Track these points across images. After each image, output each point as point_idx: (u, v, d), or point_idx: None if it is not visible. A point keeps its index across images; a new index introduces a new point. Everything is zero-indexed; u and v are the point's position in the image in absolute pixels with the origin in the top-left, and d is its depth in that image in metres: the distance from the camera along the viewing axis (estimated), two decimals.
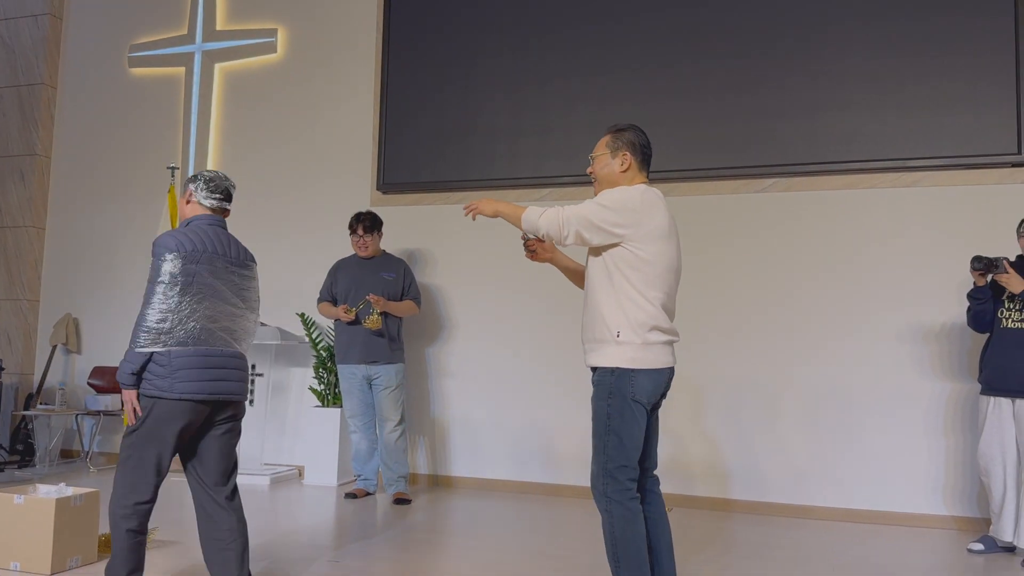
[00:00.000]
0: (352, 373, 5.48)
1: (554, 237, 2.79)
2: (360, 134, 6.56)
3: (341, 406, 6.08)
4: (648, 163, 2.96)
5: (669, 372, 2.81)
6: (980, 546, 4.34)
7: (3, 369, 6.39)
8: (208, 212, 3.13)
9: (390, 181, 6.35)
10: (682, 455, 5.52)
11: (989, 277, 4.37)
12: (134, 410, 2.85)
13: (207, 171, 3.18)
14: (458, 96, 6.23)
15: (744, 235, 5.56)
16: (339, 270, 5.69)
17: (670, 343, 2.81)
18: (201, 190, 3.13)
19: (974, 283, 4.44)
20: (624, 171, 2.90)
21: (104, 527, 4.26)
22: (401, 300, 5.58)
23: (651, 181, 5.58)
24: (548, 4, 6.06)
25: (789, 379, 5.36)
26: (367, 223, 5.56)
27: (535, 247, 3.02)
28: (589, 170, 2.99)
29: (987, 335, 4.50)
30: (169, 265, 2.88)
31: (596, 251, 2.84)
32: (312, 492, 5.65)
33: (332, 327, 6.39)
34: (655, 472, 2.94)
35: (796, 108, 5.44)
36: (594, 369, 2.83)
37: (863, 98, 5.32)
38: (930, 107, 5.19)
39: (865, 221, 5.33)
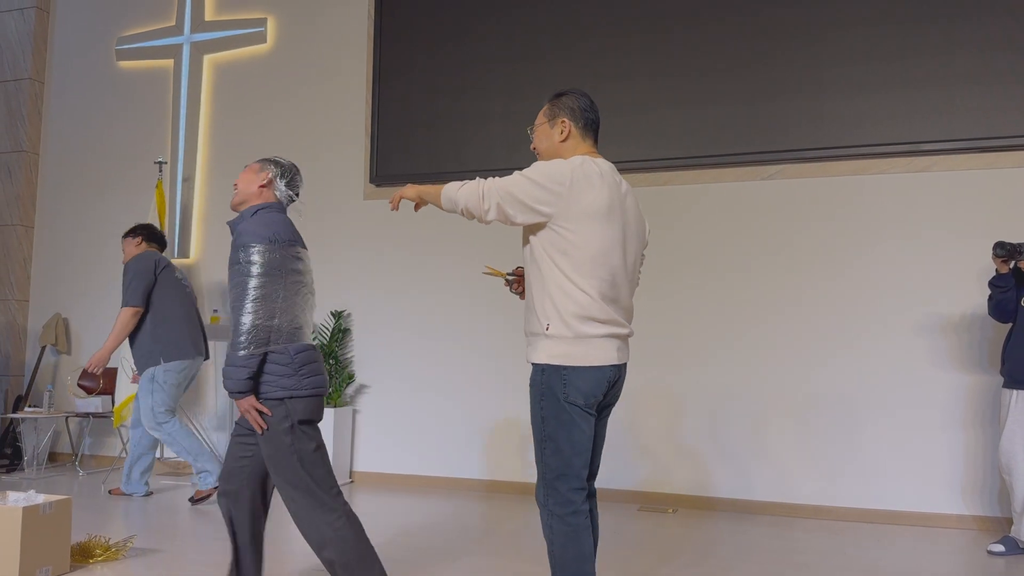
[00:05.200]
0: None
1: (474, 211, 2.47)
2: (352, 125, 6.37)
3: (345, 406, 5.92)
4: (593, 129, 2.62)
5: (613, 370, 2.46)
6: (1001, 547, 4.12)
7: None
8: (277, 202, 2.90)
9: (384, 173, 6.15)
10: (691, 455, 5.32)
11: (1012, 264, 4.16)
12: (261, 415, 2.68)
13: (285, 160, 2.95)
14: (451, 82, 6.03)
15: (749, 225, 5.34)
16: None
17: (615, 336, 2.46)
18: (283, 179, 2.92)
19: (996, 270, 4.23)
20: (564, 140, 2.59)
21: (76, 536, 4.09)
22: None
23: (639, 161, 5.35)
24: None
25: (799, 376, 5.14)
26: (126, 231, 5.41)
27: (520, 288, 2.77)
28: (532, 146, 2.69)
29: (1009, 325, 4.28)
30: (267, 256, 2.70)
31: (526, 234, 2.54)
32: None
33: (325, 325, 6.22)
34: (594, 484, 2.64)
35: (800, 89, 5.22)
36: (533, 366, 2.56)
37: (871, 77, 5.09)
38: (942, 84, 4.96)
39: (876, 209, 5.11)
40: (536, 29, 5.84)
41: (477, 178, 2.51)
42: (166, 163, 6.83)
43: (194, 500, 5.03)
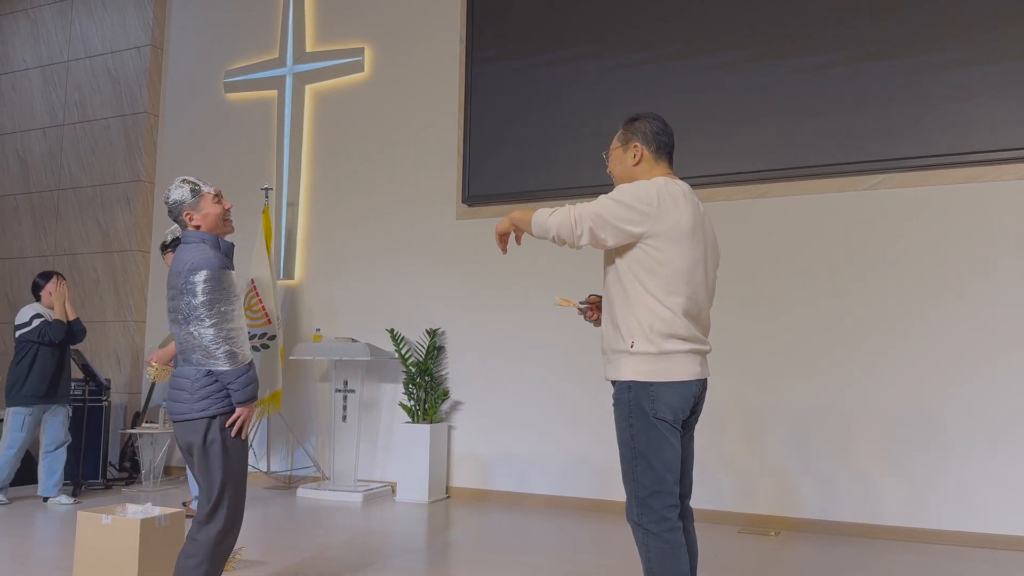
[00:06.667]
0: None
1: (566, 238, 2.51)
2: (446, 148, 6.51)
3: (440, 422, 6.04)
4: (666, 152, 2.64)
5: (698, 385, 2.49)
6: None
7: (109, 388, 6.60)
8: None
9: (476, 193, 6.25)
10: (787, 476, 5.17)
11: None
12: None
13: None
14: (540, 103, 6.09)
15: (849, 238, 5.17)
16: None
17: (697, 352, 2.50)
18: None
19: None
20: (637, 164, 2.63)
21: None
22: None
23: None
24: (631, 6, 5.85)
25: (909, 391, 4.94)
26: (166, 243, 5.15)
27: (594, 315, 2.81)
28: (608, 170, 2.74)
29: None
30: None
31: (610, 253, 2.58)
32: (403, 509, 5.57)
33: (420, 343, 6.35)
34: (689, 502, 2.65)
35: (903, 94, 5.04)
36: (613, 384, 2.57)
37: (978, 80, 4.87)
38: None
39: (987, 219, 4.87)
40: (625, 47, 5.84)
41: (566, 204, 2.56)
42: (272, 189, 7.13)
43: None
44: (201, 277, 2.82)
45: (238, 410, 2.86)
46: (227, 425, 2.85)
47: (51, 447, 5.67)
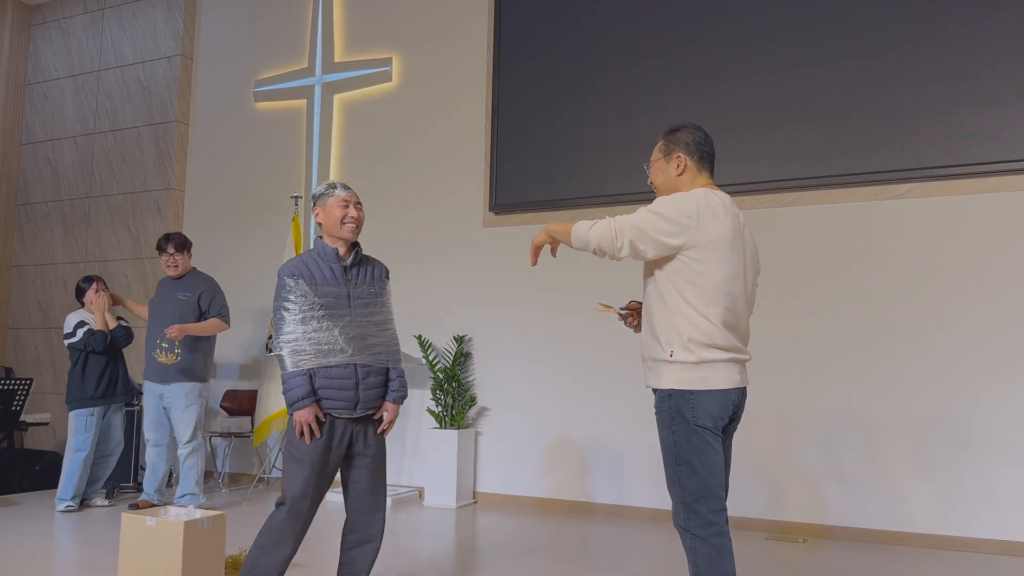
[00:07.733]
0: (150, 390, 5.55)
1: (607, 250, 2.56)
2: (472, 155, 6.58)
3: (467, 428, 6.11)
4: (708, 162, 2.69)
5: (737, 393, 2.54)
6: None
7: (141, 393, 6.70)
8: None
9: (502, 202, 6.32)
10: (815, 483, 5.19)
11: None
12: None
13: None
14: (568, 112, 6.15)
15: (880, 247, 5.20)
16: (158, 287, 5.74)
17: (736, 361, 2.55)
18: None
19: None
20: (680, 175, 2.67)
21: (230, 549, 4.36)
22: (202, 319, 5.57)
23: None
24: (657, 14, 5.91)
25: (938, 399, 4.95)
26: (178, 241, 5.60)
27: (634, 321, 2.86)
28: (649, 180, 2.79)
29: None
30: None
31: (650, 264, 2.63)
32: (431, 514, 5.64)
33: (448, 349, 6.42)
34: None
35: (932, 103, 5.06)
36: (654, 392, 2.63)
37: (1008, 89, 4.89)
38: None
39: (1017, 227, 4.88)
40: (652, 54, 5.90)
41: (606, 217, 2.62)
42: (301, 197, 7.23)
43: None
44: (278, 283, 3.02)
45: (294, 414, 2.96)
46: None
47: (105, 451, 5.79)
